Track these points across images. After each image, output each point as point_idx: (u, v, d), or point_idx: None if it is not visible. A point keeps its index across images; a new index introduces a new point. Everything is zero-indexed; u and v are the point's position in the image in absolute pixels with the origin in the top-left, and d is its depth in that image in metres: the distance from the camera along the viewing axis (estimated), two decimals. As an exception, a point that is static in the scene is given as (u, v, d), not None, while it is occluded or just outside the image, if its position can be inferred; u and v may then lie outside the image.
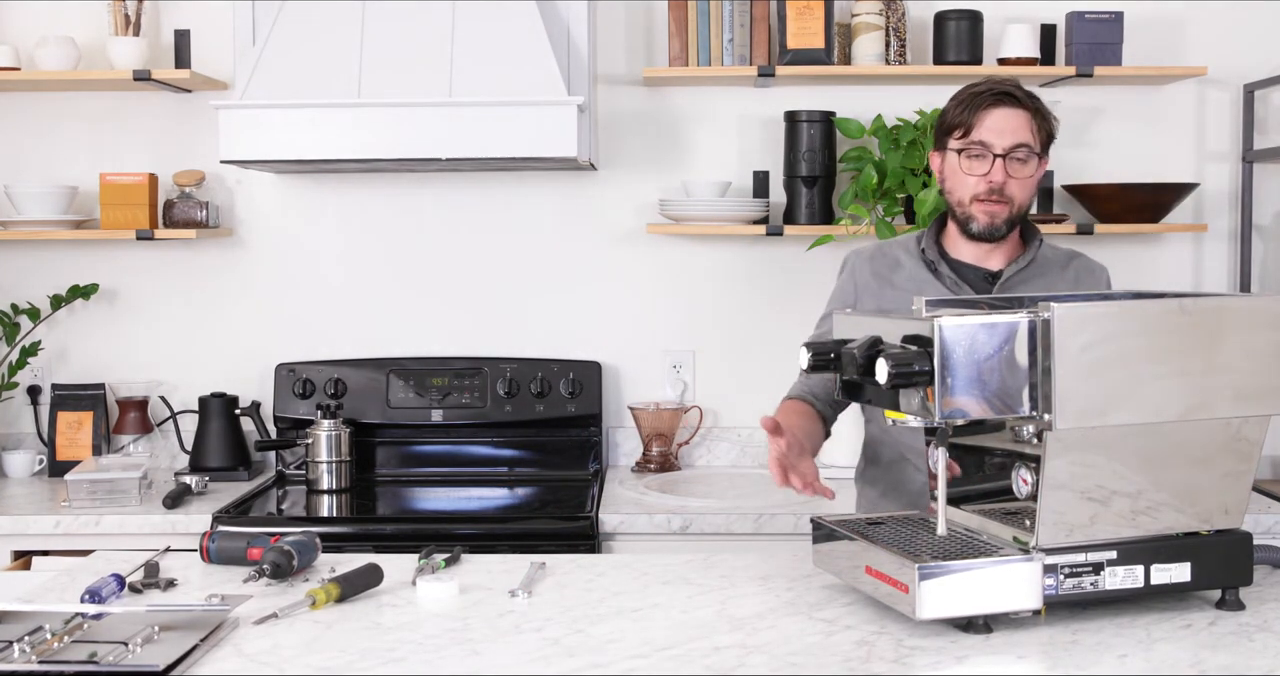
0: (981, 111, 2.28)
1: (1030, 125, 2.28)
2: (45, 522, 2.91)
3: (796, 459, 2.09)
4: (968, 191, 2.31)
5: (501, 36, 3.04)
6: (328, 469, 3.22)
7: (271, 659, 1.69)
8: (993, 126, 2.27)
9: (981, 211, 2.30)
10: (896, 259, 2.43)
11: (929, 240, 2.41)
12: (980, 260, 2.37)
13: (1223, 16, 3.44)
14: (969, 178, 2.30)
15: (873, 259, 2.46)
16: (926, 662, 1.66)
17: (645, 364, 3.51)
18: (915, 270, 2.40)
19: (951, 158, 2.32)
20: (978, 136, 2.27)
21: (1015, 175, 2.28)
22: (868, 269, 2.45)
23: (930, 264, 2.38)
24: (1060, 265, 2.41)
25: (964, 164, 2.30)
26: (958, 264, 2.38)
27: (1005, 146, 2.26)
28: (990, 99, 2.28)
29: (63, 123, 3.47)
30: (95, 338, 3.51)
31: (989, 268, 2.37)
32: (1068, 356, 1.70)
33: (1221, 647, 1.70)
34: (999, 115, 2.27)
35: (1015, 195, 2.29)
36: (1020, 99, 2.29)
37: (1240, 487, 1.84)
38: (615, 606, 1.92)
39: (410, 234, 3.50)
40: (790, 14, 3.25)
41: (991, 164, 2.27)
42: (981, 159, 2.28)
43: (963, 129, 2.29)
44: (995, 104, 2.28)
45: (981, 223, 2.31)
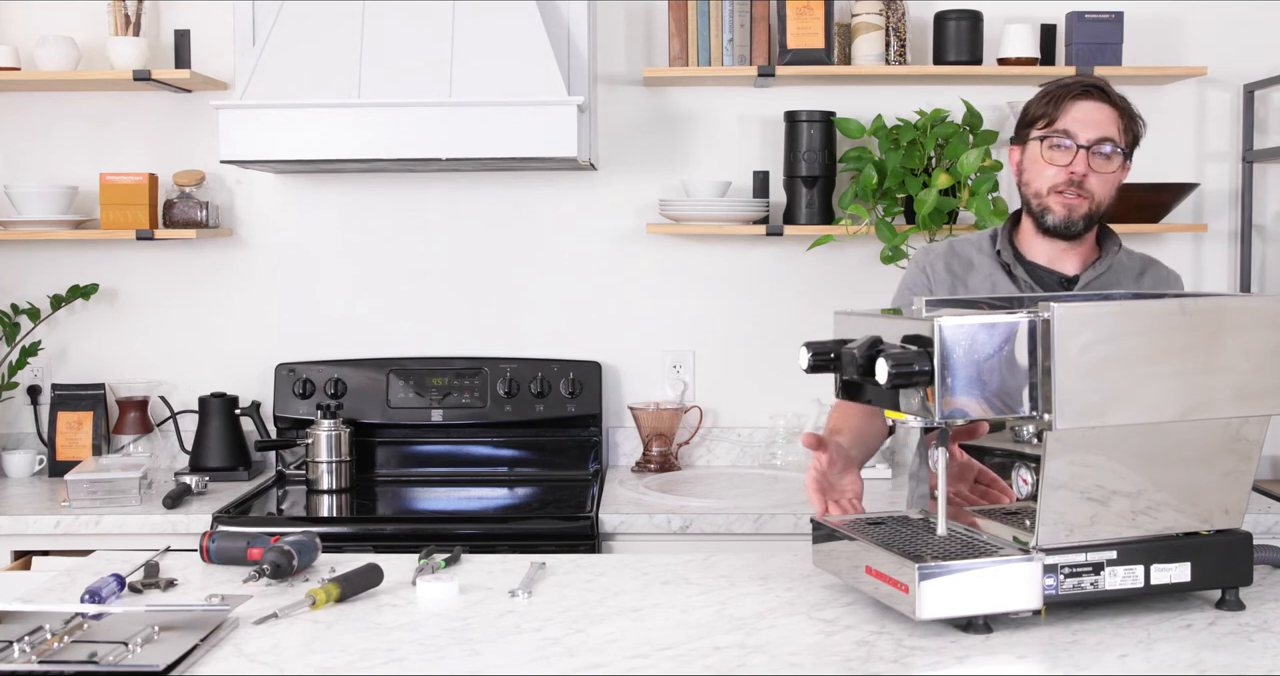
0: (1068, 102, 2.23)
1: (1117, 122, 2.23)
2: (45, 522, 2.91)
3: (839, 476, 2.06)
4: (1046, 182, 2.25)
5: (501, 36, 3.04)
6: (328, 469, 3.22)
7: (271, 659, 1.69)
8: (1078, 117, 2.22)
9: (1059, 204, 2.24)
10: (969, 259, 2.38)
11: (1004, 240, 2.35)
12: (1055, 262, 2.32)
13: (1223, 16, 3.44)
14: (1049, 168, 2.24)
15: (946, 256, 2.41)
16: (926, 662, 1.66)
17: (645, 364, 3.51)
18: (990, 270, 2.35)
19: (1032, 148, 2.27)
20: (1062, 126, 2.22)
21: (1098, 169, 2.22)
22: (941, 264, 2.40)
23: (1006, 266, 2.33)
24: (1135, 273, 2.37)
25: (1045, 154, 2.24)
26: (1032, 266, 2.33)
27: (1090, 139, 2.21)
28: (1079, 90, 2.23)
29: (63, 123, 3.47)
30: (95, 338, 3.51)
31: (1064, 271, 2.32)
32: (1068, 356, 1.70)
33: (1221, 647, 1.70)
34: (1086, 107, 2.23)
35: (1095, 191, 2.24)
36: (1109, 94, 2.24)
37: (1240, 487, 1.84)
38: (615, 606, 1.92)
39: (410, 234, 3.50)
40: (790, 14, 3.25)
41: (1074, 155, 2.22)
42: (1064, 150, 2.22)
43: (1046, 119, 2.24)
44: (1083, 96, 2.23)
45: (1058, 215, 2.25)
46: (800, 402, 3.43)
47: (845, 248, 3.40)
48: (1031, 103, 2.30)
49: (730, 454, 3.49)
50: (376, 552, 2.22)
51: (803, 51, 3.26)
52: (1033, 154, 2.28)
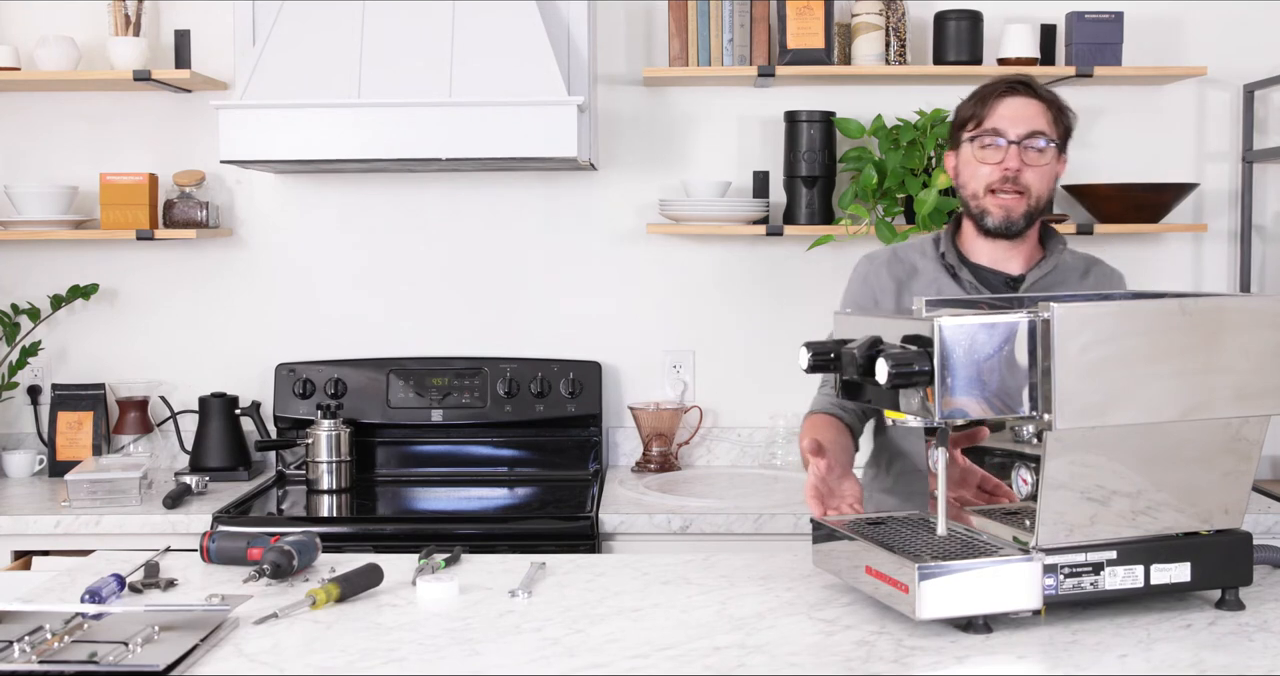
0: (994, 101, 2.24)
1: (1046, 115, 2.24)
2: (45, 522, 2.91)
3: (838, 481, 2.06)
4: (981, 182, 2.25)
5: (501, 36, 3.04)
6: (328, 469, 3.22)
7: (271, 659, 1.69)
8: (1006, 114, 2.23)
9: (996, 205, 2.25)
10: (913, 264, 2.38)
11: (947, 243, 2.35)
12: (999, 263, 2.32)
13: (1223, 16, 3.44)
14: (982, 167, 2.25)
15: (889, 264, 2.40)
16: (926, 662, 1.66)
17: (645, 364, 3.51)
18: (934, 274, 2.35)
19: (965, 150, 2.28)
20: (990, 125, 2.23)
21: (1031, 164, 2.23)
22: (885, 272, 2.39)
23: (950, 268, 2.33)
24: (1080, 272, 2.37)
25: (977, 154, 2.25)
26: (977, 268, 2.33)
27: (1019, 134, 2.22)
28: (1004, 88, 2.24)
29: (63, 123, 3.47)
30: (95, 337, 3.51)
31: (1009, 272, 2.32)
32: (1067, 356, 1.70)
33: (1221, 647, 1.70)
34: (1012, 103, 2.23)
35: (1032, 185, 2.24)
36: (1035, 89, 2.25)
37: (1240, 487, 1.84)
38: (615, 606, 1.92)
39: (410, 234, 3.50)
40: (790, 14, 3.25)
41: (1006, 151, 2.22)
42: (995, 148, 2.23)
43: (975, 120, 2.25)
44: (1009, 93, 2.24)
45: (997, 217, 2.25)
46: (800, 403, 3.41)
47: (845, 248, 3.40)
48: (960, 106, 2.31)
49: (730, 454, 3.49)
50: (376, 552, 2.22)
51: (803, 51, 3.26)
52: (966, 156, 2.28)
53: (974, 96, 2.28)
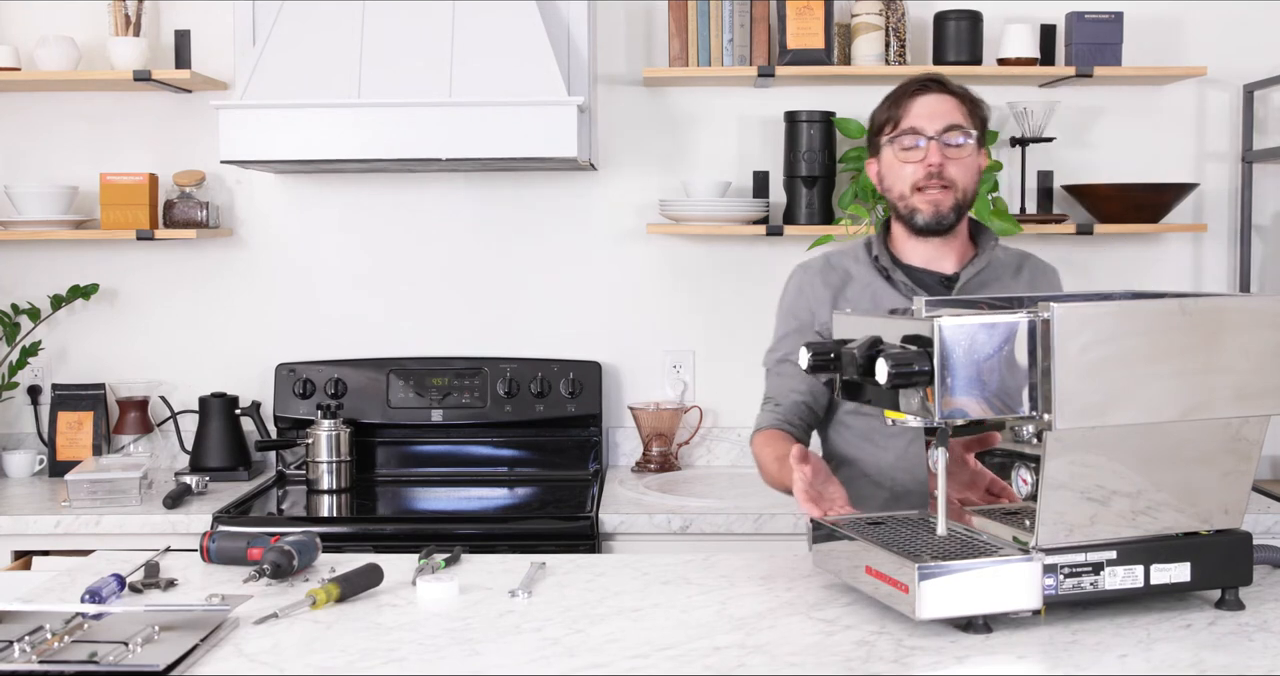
0: (908, 100, 2.25)
1: (961, 109, 2.25)
2: (45, 522, 2.91)
3: (823, 484, 2.07)
4: (906, 182, 2.26)
5: (501, 36, 3.05)
6: (328, 469, 3.22)
7: (271, 659, 1.69)
8: (921, 112, 2.24)
9: (924, 202, 2.25)
10: (846, 271, 2.37)
11: (879, 247, 2.34)
12: (932, 263, 2.32)
13: (1222, 16, 3.44)
14: (905, 167, 2.25)
15: (823, 272, 2.39)
16: (926, 662, 1.66)
17: (645, 364, 3.51)
18: (868, 279, 2.34)
19: (886, 153, 2.28)
20: (908, 124, 2.24)
21: (953, 157, 2.23)
22: (818, 280, 2.38)
23: (884, 271, 2.32)
24: (1014, 267, 2.37)
25: (899, 155, 2.25)
26: (910, 269, 2.32)
27: (937, 129, 2.22)
28: (916, 87, 2.26)
29: (63, 123, 3.48)
30: (95, 338, 3.51)
31: (942, 271, 2.32)
32: (1067, 356, 1.70)
33: (1221, 647, 1.70)
34: (927, 101, 2.24)
35: (957, 179, 2.24)
36: (947, 85, 2.26)
37: (1240, 487, 1.84)
38: (615, 606, 1.92)
39: (410, 234, 3.50)
40: (790, 14, 3.25)
41: (926, 148, 2.23)
42: (915, 148, 2.24)
43: (892, 122, 2.26)
44: (921, 92, 2.25)
45: (926, 213, 2.25)
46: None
47: (845, 248, 3.40)
48: (875, 112, 2.32)
49: (730, 454, 3.49)
50: (376, 552, 2.22)
51: (803, 51, 3.26)
52: (888, 159, 2.29)
53: (887, 99, 2.29)
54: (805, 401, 2.38)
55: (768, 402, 2.41)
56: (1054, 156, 3.45)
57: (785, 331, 2.43)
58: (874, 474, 2.32)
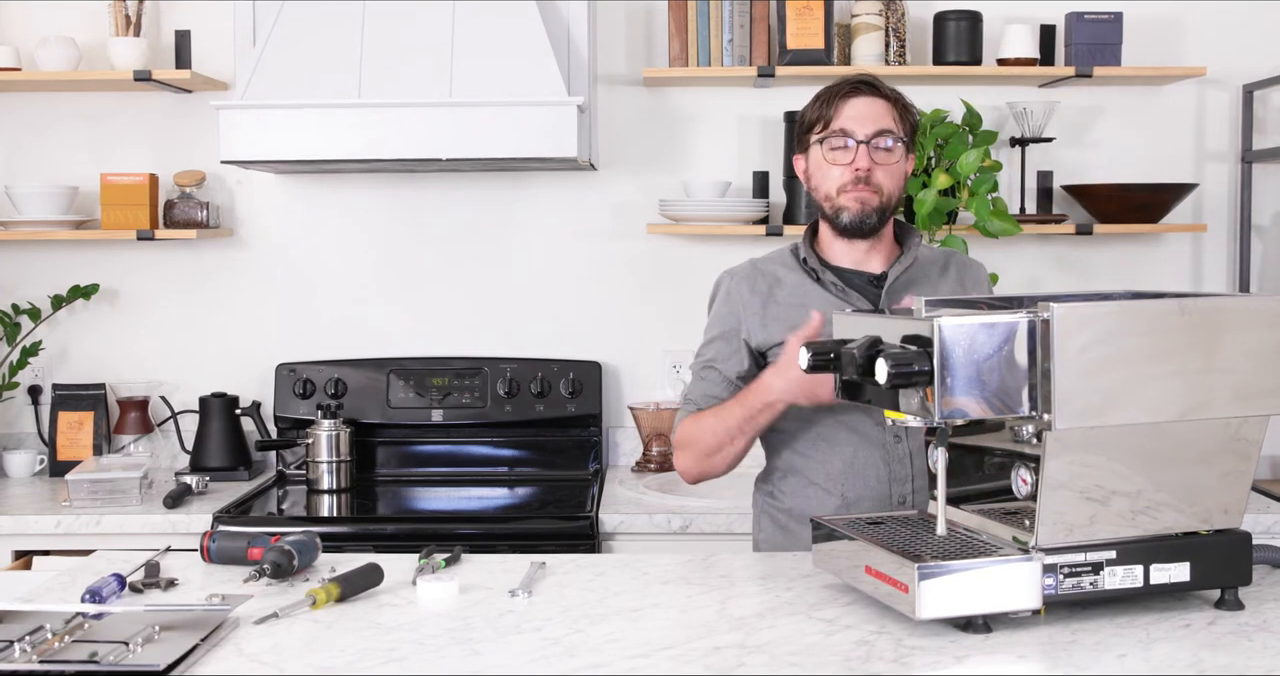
0: (840, 102, 2.23)
1: (891, 113, 2.24)
2: (46, 522, 2.91)
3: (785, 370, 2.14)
4: (834, 183, 2.24)
5: (501, 37, 3.05)
6: (328, 469, 3.22)
7: (272, 658, 1.69)
8: (852, 115, 2.22)
9: (851, 200, 2.23)
10: (775, 276, 2.36)
11: (807, 249, 2.34)
12: (860, 263, 2.32)
13: (1222, 16, 3.44)
14: (833, 168, 2.24)
15: (750, 279, 2.38)
16: (926, 662, 1.66)
17: (645, 364, 3.51)
18: (798, 283, 2.33)
19: (815, 153, 2.27)
20: (838, 126, 2.23)
21: (881, 162, 2.23)
22: (745, 287, 2.37)
23: (813, 273, 2.32)
24: (940, 265, 2.37)
25: (828, 155, 2.24)
26: (839, 270, 2.32)
27: (868, 133, 2.22)
28: (848, 88, 2.24)
29: (63, 123, 3.48)
30: (96, 338, 3.51)
31: (870, 271, 2.32)
32: (1067, 356, 1.70)
33: (1221, 647, 1.70)
34: (858, 104, 2.23)
35: (884, 184, 2.24)
36: (879, 88, 2.25)
37: (1240, 487, 1.85)
38: (615, 606, 1.92)
39: (410, 234, 3.50)
40: (790, 14, 3.25)
41: (856, 151, 2.22)
42: (844, 149, 2.23)
43: (823, 122, 2.25)
44: (853, 93, 2.24)
45: (852, 211, 2.24)
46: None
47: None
48: (806, 109, 2.30)
49: (730, 454, 3.49)
50: (376, 552, 2.22)
51: (802, 52, 3.26)
52: (816, 158, 2.27)
53: (819, 98, 2.28)
54: None
55: (689, 403, 2.40)
56: (1054, 156, 3.45)
57: (710, 337, 2.42)
58: (823, 482, 2.30)
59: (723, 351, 2.37)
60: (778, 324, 2.30)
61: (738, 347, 2.36)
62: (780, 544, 2.35)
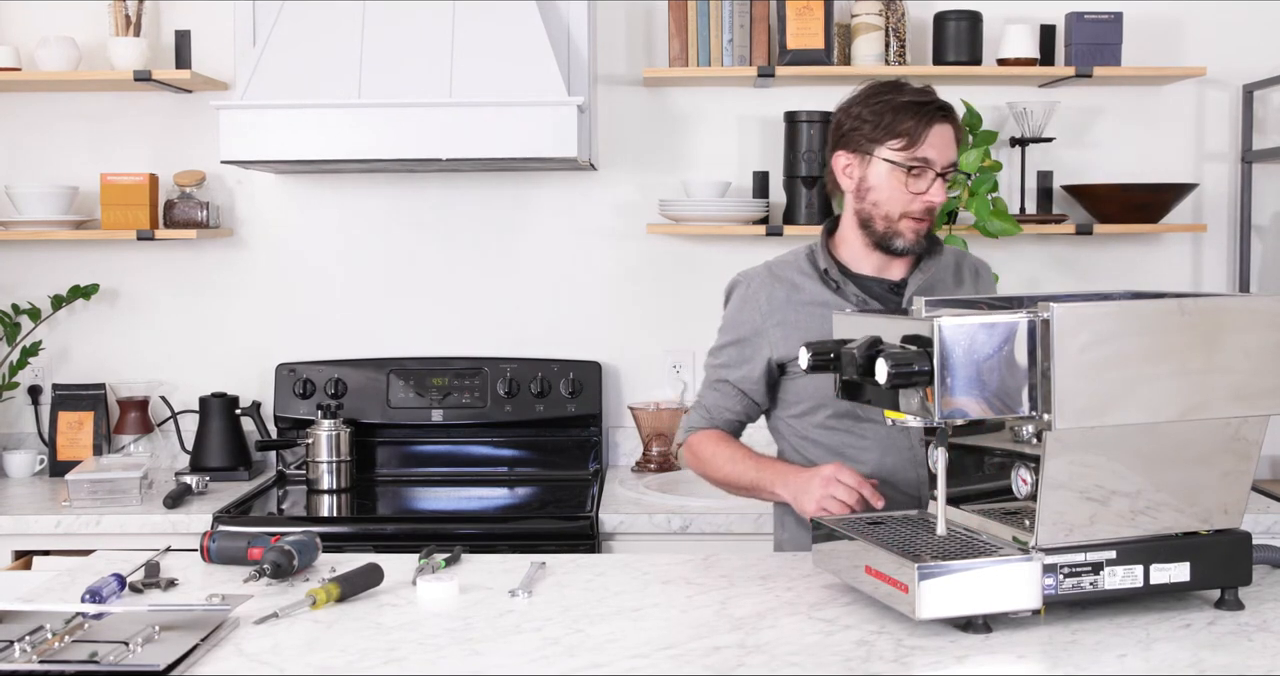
0: (932, 126, 2.16)
1: (956, 139, 2.21)
2: (46, 522, 2.91)
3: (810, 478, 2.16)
4: (900, 207, 2.20)
5: (501, 37, 3.05)
6: (328, 469, 3.22)
7: (272, 658, 1.69)
8: (936, 143, 2.17)
9: (909, 229, 2.21)
10: (793, 282, 2.33)
11: (826, 258, 2.30)
12: (881, 270, 2.30)
13: (1221, 17, 3.44)
14: (907, 194, 2.19)
15: (768, 286, 2.34)
16: (926, 662, 1.66)
17: (645, 364, 3.51)
18: (816, 292, 2.30)
19: (883, 168, 2.19)
20: (923, 153, 2.16)
21: (946, 195, 2.21)
22: (764, 296, 2.34)
23: (833, 283, 2.28)
24: (953, 267, 2.37)
25: (905, 179, 2.18)
26: (860, 278, 2.29)
27: (944, 166, 2.18)
28: (937, 114, 2.17)
29: (63, 123, 3.48)
30: (96, 337, 3.51)
31: (890, 277, 2.30)
32: (1067, 356, 1.70)
33: (1221, 647, 1.70)
34: (942, 132, 2.18)
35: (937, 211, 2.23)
36: (953, 115, 2.21)
37: (1239, 487, 1.85)
38: (615, 606, 1.92)
39: (410, 234, 3.50)
40: (790, 14, 3.25)
41: (931, 183, 2.18)
42: (923, 176, 2.18)
43: (907, 140, 2.16)
44: (942, 120, 2.18)
45: (908, 239, 2.22)
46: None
47: (845, 248, 3.40)
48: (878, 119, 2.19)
49: (730, 454, 3.49)
50: (376, 552, 2.22)
51: (802, 52, 3.26)
52: (887, 176, 2.20)
53: (903, 111, 2.17)
54: (739, 420, 2.43)
55: (700, 408, 2.40)
56: (1053, 156, 3.45)
57: (724, 341, 2.40)
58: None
59: (735, 358, 2.36)
60: (798, 335, 2.26)
61: (751, 356, 2.34)
62: (805, 543, 2.34)
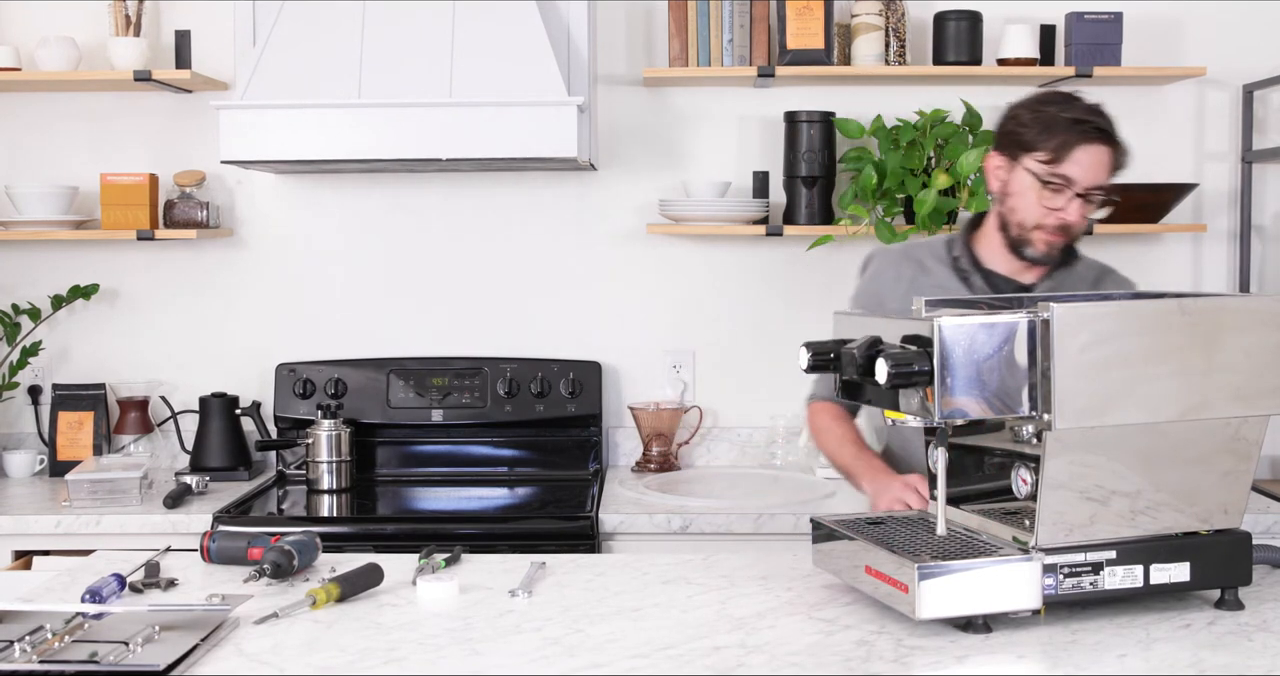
0: (1077, 146, 2.18)
1: (1110, 163, 2.21)
2: (46, 522, 2.91)
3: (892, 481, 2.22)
4: (1033, 218, 2.24)
5: (501, 37, 3.05)
6: (328, 469, 3.22)
7: (272, 658, 1.69)
8: (1081, 162, 2.18)
9: (1042, 241, 2.25)
10: (923, 263, 2.39)
11: (962, 248, 2.36)
12: (1016, 273, 2.34)
13: (1221, 17, 3.44)
14: (1041, 207, 2.22)
15: (898, 263, 2.41)
16: (926, 662, 1.66)
17: (645, 364, 3.51)
18: (944, 278, 2.36)
19: (1025, 177, 2.23)
20: (1064, 171, 2.18)
21: (1084, 214, 2.23)
22: (891, 273, 2.41)
23: (963, 273, 2.34)
24: (1090, 281, 2.38)
25: (1042, 194, 2.21)
26: (990, 273, 2.34)
27: (1086, 186, 2.20)
28: (1091, 135, 2.18)
29: (63, 123, 3.48)
30: (96, 337, 3.51)
31: (1022, 281, 2.33)
32: (1067, 356, 1.70)
33: (1221, 647, 1.70)
34: (1091, 153, 2.18)
35: (1076, 229, 2.25)
36: (1110, 136, 2.21)
37: (1239, 487, 1.85)
38: (615, 606, 1.92)
39: (410, 234, 3.50)
40: (790, 14, 3.25)
41: (1069, 201, 2.20)
42: (1060, 193, 2.20)
43: (1050, 154, 2.18)
44: (1093, 141, 2.18)
45: (1040, 250, 2.26)
46: (800, 403, 3.42)
47: (845, 248, 3.40)
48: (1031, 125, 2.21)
49: (730, 454, 3.49)
50: (376, 552, 2.22)
51: (802, 52, 3.26)
52: (1026, 185, 2.23)
53: (1055, 127, 2.19)
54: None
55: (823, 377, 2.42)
56: (1054, 156, 3.44)
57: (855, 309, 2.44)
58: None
59: None
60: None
61: None
62: None
